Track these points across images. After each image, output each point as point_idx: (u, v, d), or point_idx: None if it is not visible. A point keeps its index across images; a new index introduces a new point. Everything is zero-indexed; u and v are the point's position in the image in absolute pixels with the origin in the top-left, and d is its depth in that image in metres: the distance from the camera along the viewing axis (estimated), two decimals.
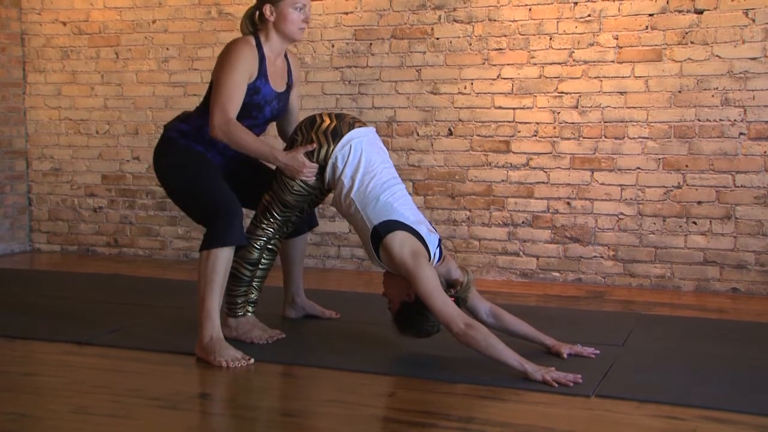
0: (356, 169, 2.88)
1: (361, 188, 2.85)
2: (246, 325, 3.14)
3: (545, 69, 4.48)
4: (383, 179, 2.88)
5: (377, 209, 2.81)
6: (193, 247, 5.27)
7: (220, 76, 2.92)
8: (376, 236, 2.79)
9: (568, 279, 4.51)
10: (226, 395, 2.62)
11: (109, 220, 5.46)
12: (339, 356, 2.95)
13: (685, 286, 4.29)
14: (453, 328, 2.63)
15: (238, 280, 3.10)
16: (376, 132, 3.08)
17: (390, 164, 2.99)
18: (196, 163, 3.02)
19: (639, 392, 2.53)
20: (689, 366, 2.83)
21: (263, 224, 3.07)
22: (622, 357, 2.93)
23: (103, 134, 5.45)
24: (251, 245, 3.07)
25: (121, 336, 3.24)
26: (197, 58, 5.19)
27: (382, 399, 2.53)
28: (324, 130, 2.94)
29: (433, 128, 4.71)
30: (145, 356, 2.97)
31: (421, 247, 2.77)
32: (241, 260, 3.07)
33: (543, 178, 4.53)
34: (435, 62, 4.69)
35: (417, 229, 2.80)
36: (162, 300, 3.91)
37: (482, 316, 2.92)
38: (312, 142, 2.93)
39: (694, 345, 3.13)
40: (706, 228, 4.25)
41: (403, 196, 2.90)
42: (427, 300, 2.67)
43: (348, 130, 2.94)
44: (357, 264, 4.93)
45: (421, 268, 2.69)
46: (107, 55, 5.38)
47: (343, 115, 3.02)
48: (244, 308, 3.15)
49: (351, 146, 2.90)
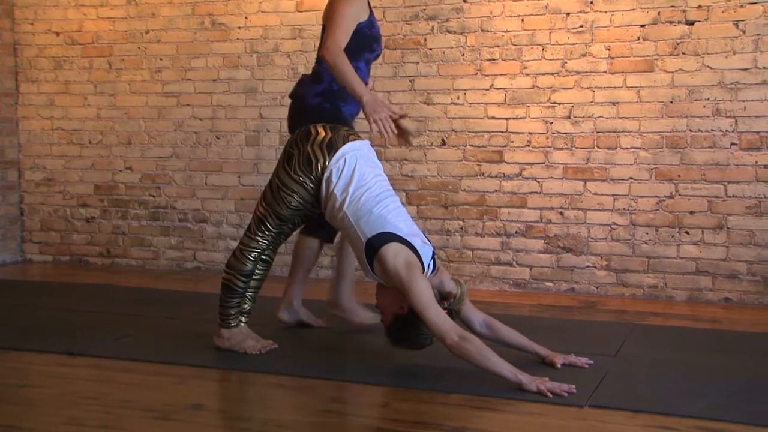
0: (349, 182, 2.88)
1: (354, 201, 2.85)
2: (239, 335, 3.14)
3: (538, 79, 4.50)
4: (376, 192, 2.88)
5: (370, 222, 2.82)
6: (186, 257, 5.26)
7: (338, 9, 3.16)
8: (370, 249, 2.79)
9: (561, 289, 4.52)
10: (219, 406, 2.62)
11: (101, 231, 5.45)
12: (332, 367, 2.94)
13: (678, 295, 4.30)
14: (447, 341, 2.63)
15: (231, 291, 3.10)
16: (370, 145, 3.08)
17: (383, 177, 3.00)
18: None
19: (632, 402, 2.53)
20: (682, 376, 2.83)
21: (257, 236, 3.07)
22: (615, 367, 2.93)
23: (95, 144, 5.44)
24: (245, 257, 3.08)
25: (114, 347, 3.23)
26: (190, 68, 5.20)
27: (376, 409, 2.52)
28: (320, 143, 2.95)
29: (427, 138, 4.72)
30: (137, 367, 2.96)
31: (415, 258, 2.77)
32: (234, 271, 3.08)
33: (536, 188, 4.54)
34: (428, 72, 4.70)
35: (411, 241, 2.80)
36: (154, 310, 3.90)
37: (476, 327, 2.92)
38: (307, 155, 2.94)
39: (687, 355, 3.13)
40: (698, 238, 4.26)
41: (396, 209, 2.90)
42: (420, 312, 2.67)
43: (343, 143, 2.95)
44: None
45: (414, 280, 2.70)
46: (100, 65, 5.38)
47: (337, 128, 3.02)
48: (237, 319, 3.15)
49: (345, 159, 2.91)
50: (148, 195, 5.34)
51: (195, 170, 5.24)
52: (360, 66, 3.30)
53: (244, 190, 5.14)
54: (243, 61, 5.09)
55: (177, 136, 5.26)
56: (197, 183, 5.24)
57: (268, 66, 5.04)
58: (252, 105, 5.09)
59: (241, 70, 5.10)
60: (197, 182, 5.24)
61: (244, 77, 5.10)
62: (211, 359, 3.05)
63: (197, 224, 5.25)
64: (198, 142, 5.23)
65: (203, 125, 5.21)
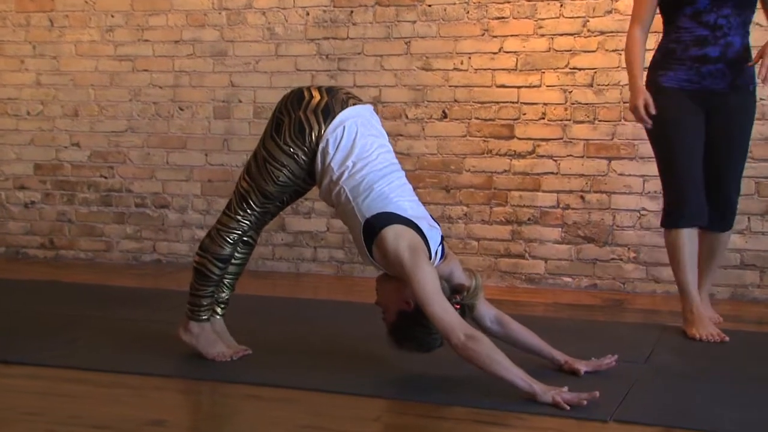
0: (348, 154, 2.88)
1: (354, 175, 2.85)
2: (209, 335, 3.13)
3: (555, 41, 4.50)
4: (379, 166, 2.89)
5: (371, 200, 2.82)
6: (144, 249, 5.26)
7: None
8: (369, 230, 2.80)
9: (582, 285, 4.54)
10: (184, 422, 2.63)
11: (43, 218, 5.44)
12: (315, 375, 2.95)
13: (719, 293, 4.32)
14: (452, 339, 2.64)
15: (205, 278, 3.09)
16: (373, 110, 3.08)
17: (388, 148, 3.00)
18: (668, 121, 3.50)
19: (663, 417, 2.55)
20: (721, 387, 2.85)
21: (238, 216, 3.05)
22: (644, 376, 2.95)
23: (35, 116, 5.42)
24: (222, 239, 3.05)
25: (58, 353, 3.22)
26: (148, 27, 5.18)
27: (366, 425, 2.54)
28: (314, 108, 2.94)
29: (425, 110, 4.72)
30: (86, 377, 2.96)
31: (421, 242, 2.78)
32: (209, 255, 3.06)
33: (552, 167, 4.55)
34: (427, 33, 4.70)
35: (417, 222, 2.81)
36: (107, 311, 3.89)
37: (486, 322, 2.94)
38: (299, 121, 2.93)
39: (728, 362, 3.15)
40: (743, 226, 4.28)
41: (401, 186, 2.91)
42: (423, 304, 2.68)
43: (341, 108, 2.94)
44: (336, 268, 4.94)
45: (418, 266, 2.70)
46: (40, 23, 5.35)
47: (334, 90, 3.01)
48: (209, 311, 3.15)
49: (344, 128, 2.90)
50: (98, 176, 5.33)
51: (154, 147, 5.23)
52: None
53: (212, 171, 5.13)
54: (210, 19, 5.07)
55: (133, 107, 5.25)
56: (157, 162, 5.24)
57: (239, 25, 5.02)
58: (221, 71, 5.07)
59: (208, 29, 5.08)
60: (157, 161, 5.23)
61: (212, 38, 5.08)
62: (174, 367, 3.05)
63: (157, 210, 5.25)
64: (158, 114, 5.21)
65: (164, 94, 5.19)
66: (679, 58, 3.48)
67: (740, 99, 3.52)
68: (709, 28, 3.42)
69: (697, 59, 3.45)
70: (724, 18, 3.42)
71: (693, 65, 3.46)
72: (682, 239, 3.50)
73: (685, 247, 3.50)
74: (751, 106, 3.59)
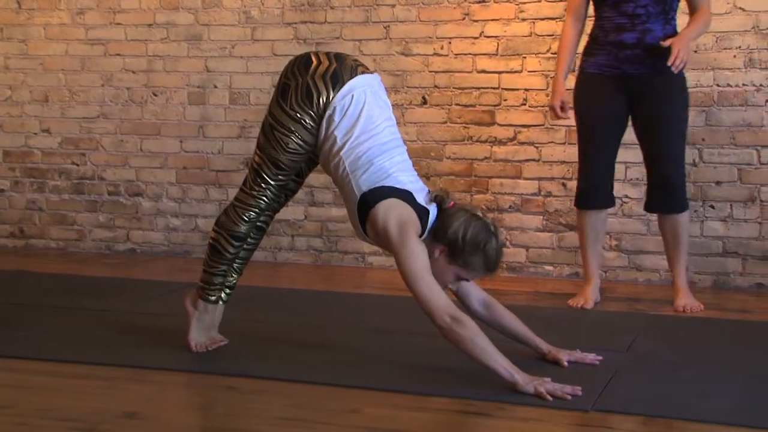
0: (354, 124, 2.86)
1: (355, 147, 2.84)
2: (209, 321, 3.14)
3: (536, 25, 4.50)
4: (383, 140, 2.88)
5: (369, 174, 2.81)
6: (118, 238, 5.23)
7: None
8: (363, 205, 2.80)
9: (564, 273, 4.55)
10: (157, 414, 2.61)
11: (12, 206, 5.40)
12: (292, 366, 2.94)
13: (701, 281, 4.35)
14: (437, 320, 2.65)
15: (218, 255, 3.07)
16: (380, 80, 3.06)
17: (393, 121, 2.99)
18: (584, 107, 3.84)
19: (645, 406, 2.56)
20: (704, 375, 2.87)
21: (255, 191, 3.02)
22: (626, 365, 2.96)
23: (3, 101, 5.37)
24: (239, 216, 3.02)
25: (29, 345, 3.20)
26: (120, 10, 5.14)
27: (345, 416, 2.54)
28: (322, 74, 2.91)
29: (405, 96, 4.71)
30: (57, 369, 2.94)
31: (413, 216, 2.77)
32: (225, 231, 3.04)
33: (533, 154, 4.56)
34: (406, 17, 4.69)
35: (414, 196, 2.81)
36: (78, 301, 3.88)
37: (473, 304, 2.95)
38: (307, 86, 2.91)
39: (711, 351, 3.17)
40: (725, 213, 4.31)
41: (402, 161, 2.90)
42: (409, 282, 2.68)
43: (351, 76, 2.91)
44: (314, 257, 4.93)
45: (405, 243, 2.70)
46: (6, 4, 5.30)
47: (342, 56, 2.98)
48: (219, 292, 3.14)
49: (353, 96, 2.88)
50: (70, 163, 5.29)
51: (127, 133, 5.20)
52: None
53: (187, 158, 5.11)
54: (184, 2, 5.04)
55: (105, 92, 5.21)
56: (130, 149, 5.20)
57: (214, 8, 4.99)
58: (196, 56, 5.04)
59: (183, 12, 5.05)
60: (130, 148, 5.20)
61: (186, 21, 5.05)
62: (147, 358, 3.04)
63: (131, 198, 5.22)
64: (131, 100, 5.18)
65: (137, 79, 5.16)
66: (601, 44, 3.75)
67: (666, 81, 3.65)
68: (627, 16, 3.66)
69: (615, 45, 3.70)
70: (642, 8, 3.65)
71: (612, 50, 3.71)
72: (587, 219, 3.86)
73: (588, 226, 3.87)
74: (678, 87, 3.72)
